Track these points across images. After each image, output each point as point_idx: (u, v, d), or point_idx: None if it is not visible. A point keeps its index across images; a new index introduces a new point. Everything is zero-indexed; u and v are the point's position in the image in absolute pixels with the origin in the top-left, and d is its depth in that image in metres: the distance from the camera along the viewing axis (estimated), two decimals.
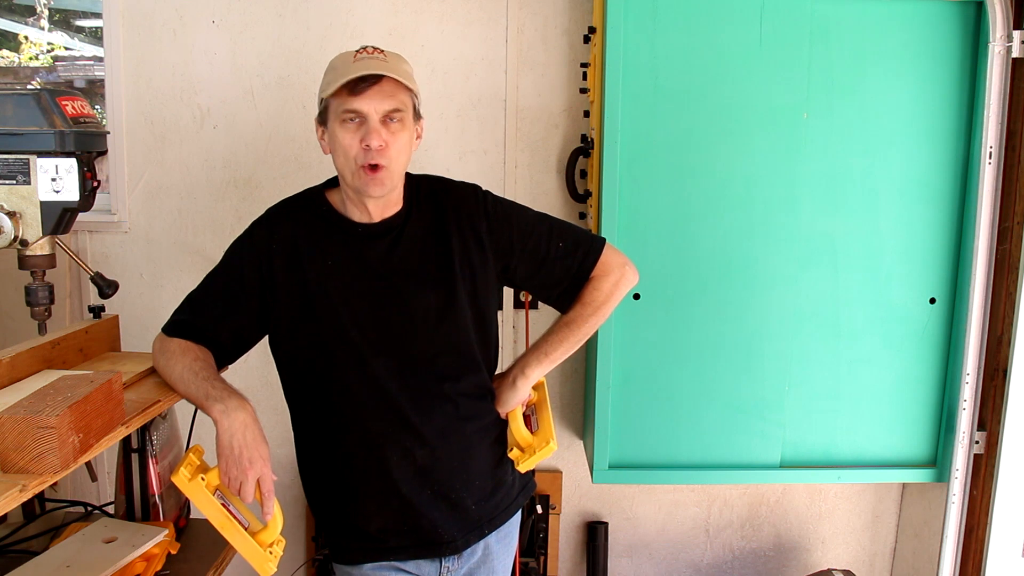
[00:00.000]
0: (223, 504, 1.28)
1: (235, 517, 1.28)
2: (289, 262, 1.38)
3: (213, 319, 1.41)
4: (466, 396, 1.44)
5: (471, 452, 1.46)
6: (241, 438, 1.25)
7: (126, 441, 1.59)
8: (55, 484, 1.16)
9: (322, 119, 1.36)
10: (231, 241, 1.48)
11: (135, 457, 1.63)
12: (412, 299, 1.39)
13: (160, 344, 1.42)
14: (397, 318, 1.38)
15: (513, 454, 1.52)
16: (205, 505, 1.27)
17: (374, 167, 1.30)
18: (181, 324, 1.42)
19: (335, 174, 1.40)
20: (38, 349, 1.47)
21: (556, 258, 1.47)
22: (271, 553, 1.30)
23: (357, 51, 1.33)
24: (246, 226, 1.47)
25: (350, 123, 1.30)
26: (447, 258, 1.40)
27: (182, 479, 1.26)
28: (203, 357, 1.37)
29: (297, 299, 1.38)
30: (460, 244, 1.41)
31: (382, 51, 1.33)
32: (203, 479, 1.27)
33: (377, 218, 1.39)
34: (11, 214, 1.49)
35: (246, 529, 1.29)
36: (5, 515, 1.61)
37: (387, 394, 1.38)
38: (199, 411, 1.35)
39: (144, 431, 1.61)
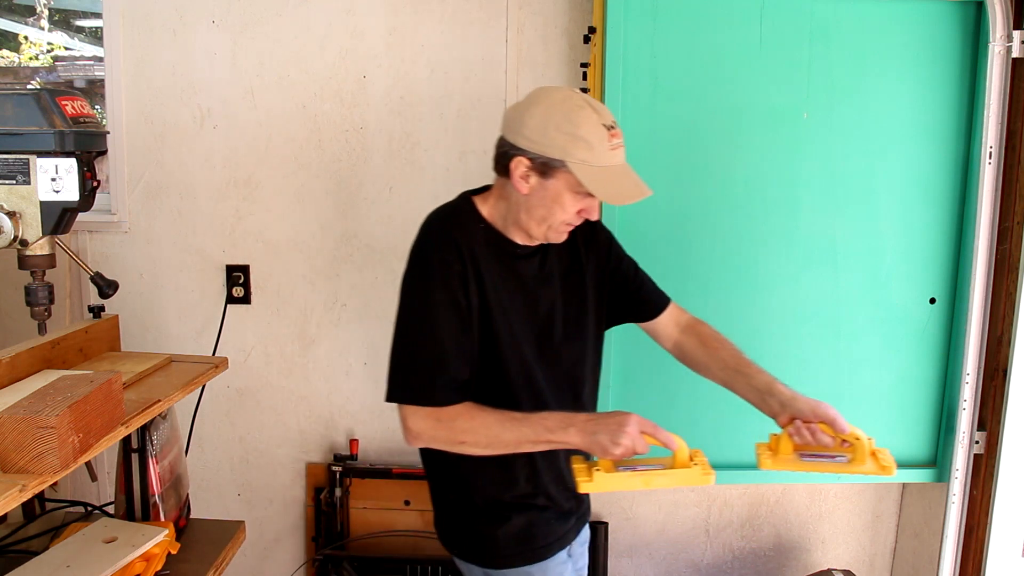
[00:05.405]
0: (630, 469, 1.31)
1: (648, 470, 1.31)
2: (476, 278, 1.37)
3: (470, 361, 1.37)
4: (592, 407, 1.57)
5: None
6: (601, 426, 1.27)
7: (126, 441, 1.59)
8: (55, 484, 1.16)
9: (543, 170, 1.31)
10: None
11: (135, 457, 1.63)
12: (560, 312, 1.46)
13: (438, 422, 1.34)
14: (549, 331, 1.45)
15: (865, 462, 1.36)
16: (617, 483, 1.30)
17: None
18: (458, 387, 1.35)
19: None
20: (38, 349, 1.47)
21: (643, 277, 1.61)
22: (697, 465, 1.32)
23: (608, 129, 1.29)
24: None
25: (580, 195, 1.32)
26: (580, 273, 1.49)
27: (584, 486, 1.29)
28: (482, 406, 1.35)
29: (480, 315, 1.37)
30: (588, 259, 1.50)
31: (618, 128, 1.33)
32: (598, 470, 1.29)
33: (535, 243, 1.44)
34: (11, 214, 1.49)
35: (664, 469, 1.32)
36: (5, 515, 1.61)
37: (546, 408, 1.39)
38: (199, 413, 1.34)
39: (144, 431, 1.61)
